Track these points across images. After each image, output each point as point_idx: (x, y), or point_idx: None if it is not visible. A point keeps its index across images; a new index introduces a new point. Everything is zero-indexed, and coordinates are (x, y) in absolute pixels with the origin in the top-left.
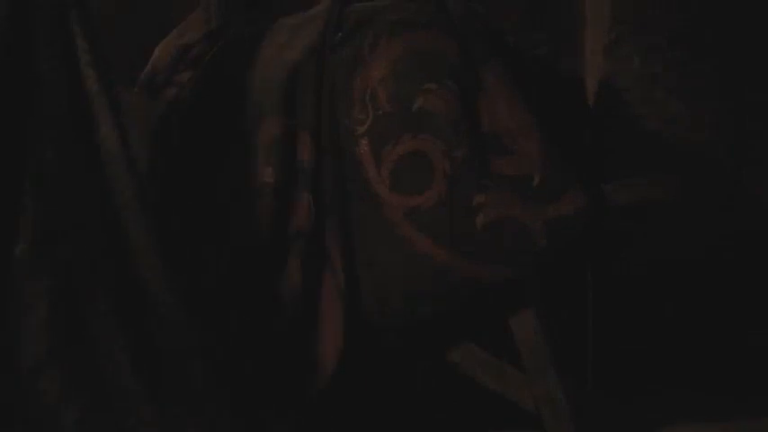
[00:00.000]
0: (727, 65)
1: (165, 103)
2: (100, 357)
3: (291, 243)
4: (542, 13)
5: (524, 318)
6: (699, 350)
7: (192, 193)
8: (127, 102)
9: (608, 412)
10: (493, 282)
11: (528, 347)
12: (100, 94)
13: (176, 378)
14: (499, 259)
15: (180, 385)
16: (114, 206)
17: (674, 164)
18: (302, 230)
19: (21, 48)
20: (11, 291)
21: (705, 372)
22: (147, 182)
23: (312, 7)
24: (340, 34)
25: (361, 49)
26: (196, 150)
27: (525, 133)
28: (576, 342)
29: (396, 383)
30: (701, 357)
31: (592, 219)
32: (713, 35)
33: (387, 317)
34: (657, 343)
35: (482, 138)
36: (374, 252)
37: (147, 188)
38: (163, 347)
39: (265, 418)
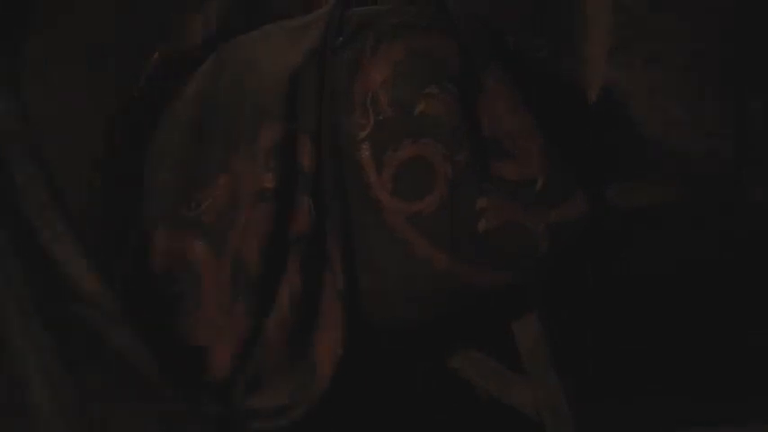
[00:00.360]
0: (727, 67)
1: (165, 106)
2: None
3: (292, 247)
4: (543, 15)
5: (526, 322)
6: (699, 350)
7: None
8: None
9: (608, 413)
10: (494, 286)
11: (530, 352)
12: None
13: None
14: (501, 264)
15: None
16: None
17: (674, 166)
18: (302, 234)
19: None
20: None
21: (705, 372)
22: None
23: (312, 11)
24: (341, 38)
25: (362, 52)
26: (195, 154)
27: (526, 136)
28: (576, 342)
29: (396, 384)
30: (702, 357)
31: (593, 222)
32: (713, 39)
33: (387, 321)
34: (658, 343)
35: (483, 141)
36: (374, 257)
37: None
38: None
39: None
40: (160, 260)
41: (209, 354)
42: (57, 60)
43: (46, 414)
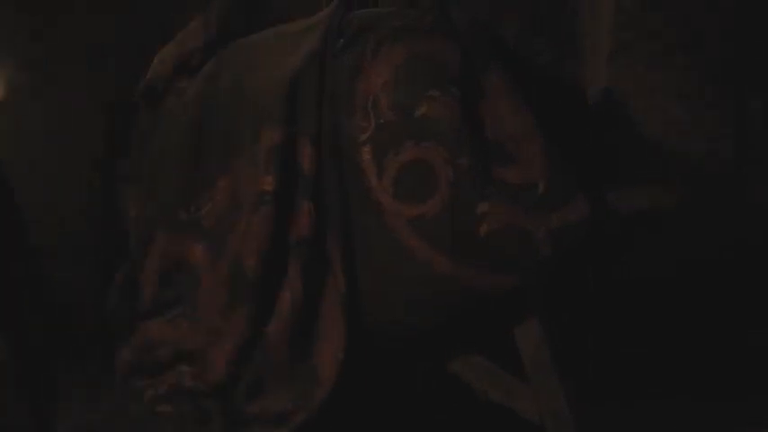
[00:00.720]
0: (727, 67)
1: (166, 110)
2: None
3: (292, 250)
4: (543, 18)
5: (528, 327)
6: (700, 352)
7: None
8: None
9: (610, 416)
10: (495, 290)
11: (532, 357)
12: None
13: None
14: (502, 268)
15: None
16: None
17: (675, 168)
18: (303, 238)
19: None
20: None
21: (706, 373)
22: None
23: (313, 14)
24: (342, 40)
25: (362, 54)
26: (195, 156)
27: (528, 139)
28: (578, 346)
29: (396, 384)
30: (703, 359)
31: (595, 225)
32: (713, 39)
33: (387, 324)
34: (659, 346)
35: (485, 145)
36: (375, 259)
37: None
38: None
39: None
40: (159, 262)
41: (206, 357)
42: (57, 60)
43: None
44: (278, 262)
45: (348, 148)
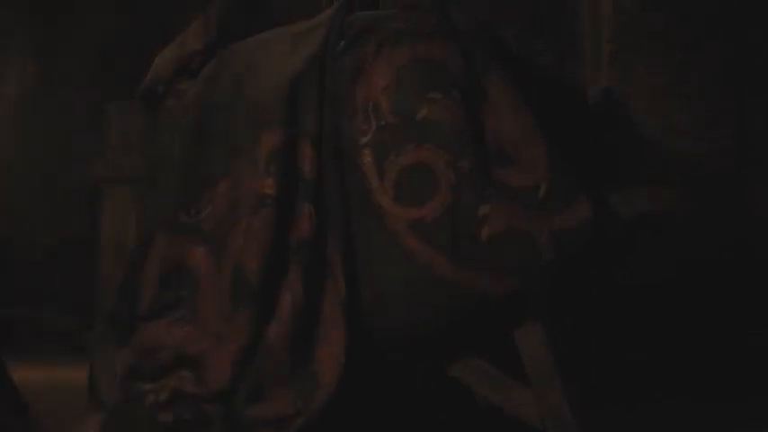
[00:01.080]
0: (727, 67)
1: (166, 112)
2: None
3: (293, 253)
4: (543, 19)
5: (529, 330)
6: (701, 353)
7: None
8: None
9: (612, 421)
10: (495, 293)
11: (533, 361)
12: None
13: None
14: (503, 270)
15: None
16: None
17: (675, 168)
18: (303, 241)
19: None
20: None
21: (707, 374)
22: None
23: (314, 14)
24: (343, 42)
25: (363, 56)
26: (196, 157)
27: (529, 142)
28: (580, 350)
29: (396, 384)
30: (703, 360)
31: (597, 228)
32: (713, 39)
33: (388, 326)
34: (661, 350)
35: (486, 147)
36: (375, 262)
37: None
38: None
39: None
40: (160, 264)
41: (207, 361)
42: (57, 60)
43: None
44: (278, 265)
45: (349, 151)
